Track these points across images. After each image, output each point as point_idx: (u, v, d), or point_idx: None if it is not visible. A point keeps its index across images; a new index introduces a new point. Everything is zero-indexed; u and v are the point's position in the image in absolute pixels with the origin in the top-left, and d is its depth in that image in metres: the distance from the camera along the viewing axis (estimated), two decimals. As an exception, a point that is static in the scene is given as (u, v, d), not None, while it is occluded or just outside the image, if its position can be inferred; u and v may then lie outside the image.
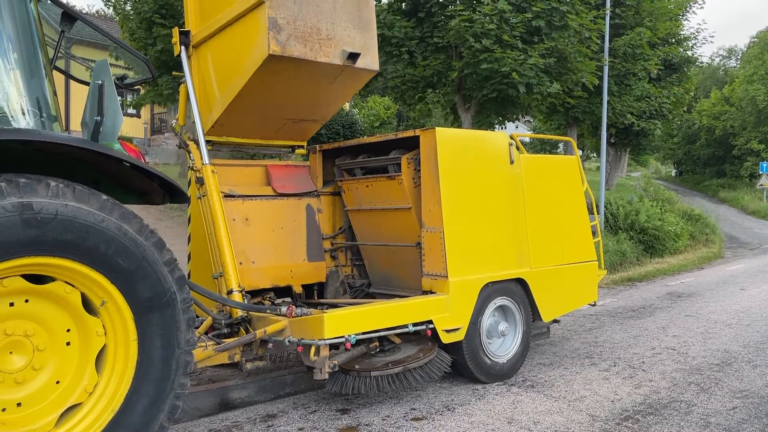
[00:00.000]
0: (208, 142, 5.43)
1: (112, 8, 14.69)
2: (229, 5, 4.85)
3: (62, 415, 3.05)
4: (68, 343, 3.05)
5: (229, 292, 4.66)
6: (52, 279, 2.97)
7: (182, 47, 5.26)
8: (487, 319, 5.36)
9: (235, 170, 5.70)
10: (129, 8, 14.30)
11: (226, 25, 4.89)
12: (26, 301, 2.93)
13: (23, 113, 3.14)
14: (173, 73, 6.13)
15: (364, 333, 4.45)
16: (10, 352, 2.90)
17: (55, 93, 3.54)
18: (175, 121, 5.65)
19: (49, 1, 4.04)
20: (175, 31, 5.29)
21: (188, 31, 5.28)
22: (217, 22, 4.96)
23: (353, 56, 4.91)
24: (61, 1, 4.04)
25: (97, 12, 37.32)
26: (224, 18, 4.88)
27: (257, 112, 5.30)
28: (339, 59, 4.91)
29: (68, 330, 3.05)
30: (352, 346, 4.41)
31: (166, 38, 13.05)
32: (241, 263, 5.20)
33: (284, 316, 4.52)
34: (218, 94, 5.10)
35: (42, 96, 3.31)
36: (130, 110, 23.37)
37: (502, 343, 5.56)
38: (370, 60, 5.12)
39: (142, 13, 13.39)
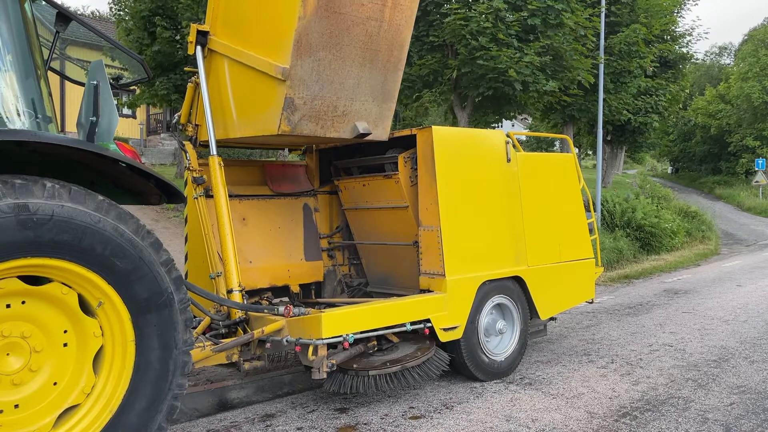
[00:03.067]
0: (204, 144, 5.43)
1: (112, 6, 14.64)
2: (255, 47, 4.63)
3: (60, 417, 3.04)
4: (65, 345, 3.04)
5: (229, 292, 4.65)
6: (48, 280, 2.97)
7: (198, 47, 5.01)
8: (485, 318, 5.37)
9: (231, 170, 5.69)
10: (127, 9, 14.27)
11: (250, 67, 4.67)
12: (23, 302, 2.92)
13: (18, 114, 3.13)
14: (185, 68, 5.99)
15: (362, 332, 4.45)
16: (7, 354, 2.90)
17: (50, 94, 3.53)
18: (176, 117, 5.63)
19: (43, 2, 4.03)
20: (193, 29, 5.01)
21: (207, 32, 5.01)
22: (242, 55, 4.71)
23: (363, 134, 4.86)
24: (56, 2, 4.03)
25: (92, 13, 37.27)
26: (249, 60, 4.64)
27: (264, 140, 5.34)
28: (348, 134, 4.86)
29: (65, 331, 3.04)
30: (350, 345, 4.41)
31: (162, 39, 13.03)
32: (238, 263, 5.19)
33: (282, 315, 4.52)
34: (236, 119, 4.93)
35: (37, 97, 3.30)
36: (126, 111, 23.34)
37: (500, 341, 5.57)
38: (381, 131, 5.06)
39: (139, 12, 13.37)
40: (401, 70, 5.04)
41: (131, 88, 16.16)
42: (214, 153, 4.90)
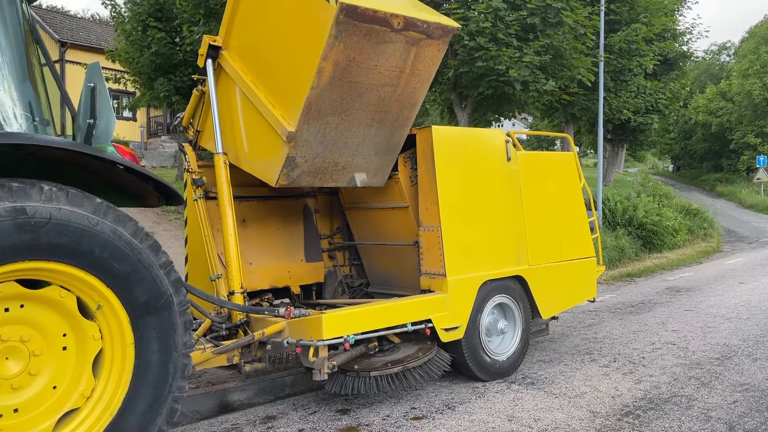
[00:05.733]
0: (203, 149, 5.43)
1: (110, 9, 14.66)
2: (266, 91, 4.58)
3: (60, 420, 3.03)
4: (65, 348, 3.03)
5: (231, 293, 4.64)
6: (47, 283, 2.95)
7: (209, 59, 4.95)
8: (486, 317, 5.35)
9: (231, 171, 5.67)
10: (124, 11, 14.28)
11: (259, 111, 4.64)
12: (21, 306, 2.91)
13: (15, 117, 3.12)
14: (194, 76, 5.95)
15: (362, 333, 4.44)
16: (6, 358, 2.89)
17: (47, 97, 3.52)
18: (178, 119, 5.63)
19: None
20: (205, 42, 4.92)
21: (219, 47, 4.93)
22: (253, 95, 4.65)
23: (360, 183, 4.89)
24: None
25: (92, 16, 37.30)
26: (259, 104, 4.59)
27: None
28: (345, 183, 4.92)
29: (64, 335, 3.03)
30: (351, 346, 4.40)
31: (160, 41, 13.02)
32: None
33: (282, 317, 4.50)
34: (247, 150, 4.93)
35: (34, 100, 3.29)
36: (126, 113, 23.34)
37: (502, 341, 5.55)
38: (379, 179, 5.10)
39: (137, 15, 13.37)
40: (409, 126, 5.03)
41: (131, 90, 16.20)
42: (220, 151, 4.88)
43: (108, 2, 14.61)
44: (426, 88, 4.88)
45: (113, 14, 14.63)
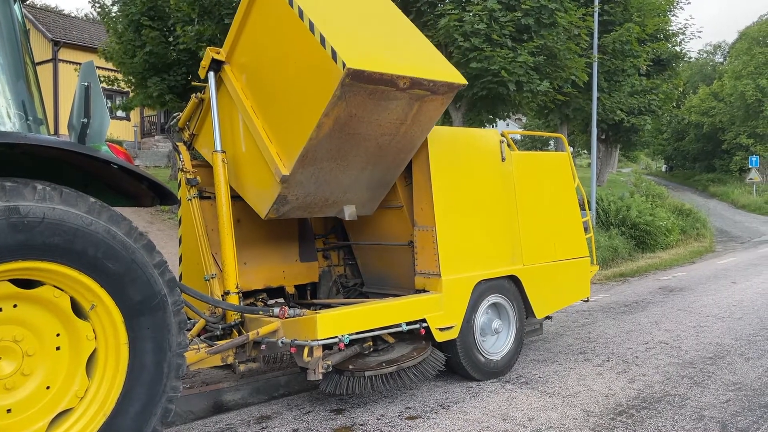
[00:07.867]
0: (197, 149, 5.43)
1: (98, 10, 14.59)
2: (265, 122, 4.57)
3: (53, 421, 3.02)
4: (58, 348, 3.02)
5: (227, 293, 4.63)
6: (40, 283, 2.94)
7: (211, 72, 4.94)
8: (481, 317, 5.36)
9: None
10: (116, 9, 14.20)
11: (255, 140, 4.63)
12: (14, 306, 2.89)
13: (8, 116, 3.10)
14: (193, 83, 5.93)
15: (357, 333, 4.44)
16: (-1, 358, 2.88)
17: (41, 96, 3.51)
18: (174, 118, 5.61)
19: None
20: (208, 54, 4.90)
21: (222, 62, 4.91)
22: (253, 128, 4.63)
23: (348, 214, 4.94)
24: None
25: (85, 15, 37.15)
26: (258, 138, 4.58)
27: None
28: (334, 214, 4.94)
29: (58, 335, 3.02)
30: (346, 346, 4.39)
31: (154, 40, 12.98)
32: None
33: (277, 317, 4.50)
34: (240, 172, 4.93)
35: (27, 99, 3.28)
36: (120, 113, 23.25)
37: (496, 341, 5.56)
38: (368, 210, 5.14)
39: (129, 15, 13.32)
40: (405, 165, 5.04)
41: (125, 90, 16.15)
42: (219, 149, 4.86)
43: (96, 2, 14.54)
44: (425, 135, 4.87)
45: (102, 15, 14.57)
